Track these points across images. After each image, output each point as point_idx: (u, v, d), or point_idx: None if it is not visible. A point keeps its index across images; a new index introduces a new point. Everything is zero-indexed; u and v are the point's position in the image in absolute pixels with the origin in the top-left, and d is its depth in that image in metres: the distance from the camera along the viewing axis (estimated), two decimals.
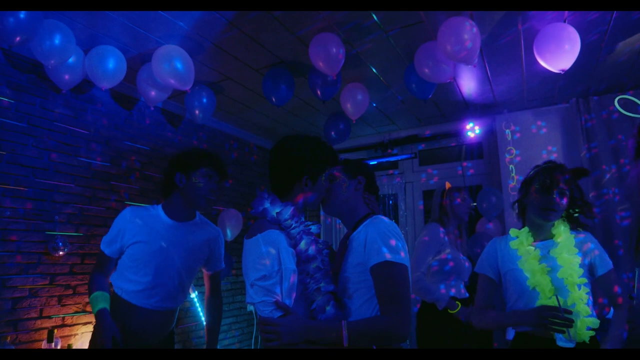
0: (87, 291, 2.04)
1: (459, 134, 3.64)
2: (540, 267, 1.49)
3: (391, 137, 3.96)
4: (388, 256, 1.20)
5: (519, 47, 2.44)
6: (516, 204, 1.68)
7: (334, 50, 2.18)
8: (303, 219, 1.35)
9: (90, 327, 2.48)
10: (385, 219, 1.31)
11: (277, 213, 1.28)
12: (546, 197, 1.50)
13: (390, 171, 4.11)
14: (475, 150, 3.76)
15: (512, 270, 1.56)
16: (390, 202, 4.13)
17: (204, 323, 3.16)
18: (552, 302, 1.42)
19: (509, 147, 3.36)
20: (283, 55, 2.50)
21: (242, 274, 1.32)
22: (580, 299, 1.45)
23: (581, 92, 3.09)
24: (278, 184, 1.37)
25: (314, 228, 1.36)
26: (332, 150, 1.41)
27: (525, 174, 1.66)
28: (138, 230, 1.76)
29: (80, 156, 2.55)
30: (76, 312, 2.42)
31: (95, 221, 2.57)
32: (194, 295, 3.04)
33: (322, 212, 4.18)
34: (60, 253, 2.33)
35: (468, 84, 2.96)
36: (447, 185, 2.61)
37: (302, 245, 1.27)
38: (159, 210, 1.85)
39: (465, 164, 3.74)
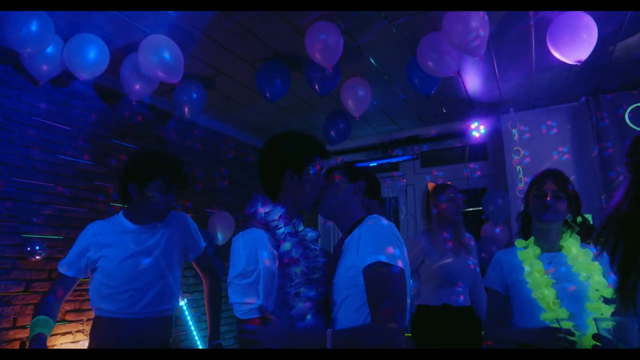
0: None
1: (462, 134, 3.50)
2: (545, 279, 1.45)
3: (392, 138, 3.81)
4: (382, 257, 1.09)
5: (530, 39, 2.30)
6: (520, 218, 1.65)
7: (332, 40, 2.04)
8: (297, 222, 1.30)
9: (71, 338, 2.31)
10: (383, 219, 1.21)
11: (265, 213, 1.24)
12: (542, 200, 1.50)
13: (392, 173, 3.95)
14: (480, 151, 3.61)
15: (518, 282, 1.52)
16: (391, 205, 3.97)
17: (194, 332, 2.98)
18: (557, 315, 1.39)
19: (515, 148, 3.21)
20: (279, 47, 2.35)
21: None
22: (597, 309, 1.39)
23: (591, 90, 2.95)
24: (265, 183, 1.32)
25: (311, 234, 1.31)
26: (316, 142, 1.34)
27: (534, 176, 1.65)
28: (103, 244, 1.65)
29: (61, 154, 2.39)
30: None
31: (77, 223, 2.39)
32: (182, 303, 2.86)
33: (320, 217, 4.01)
34: (37, 257, 2.16)
35: (473, 80, 2.82)
36: (430, 185, 2.37)
37: (286, 246, 1.20)
38: (120, 218, 1.71)
39: (471, 165, 3.59)
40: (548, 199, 1.48)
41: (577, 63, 2.04)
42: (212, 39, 2.25)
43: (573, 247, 1.50)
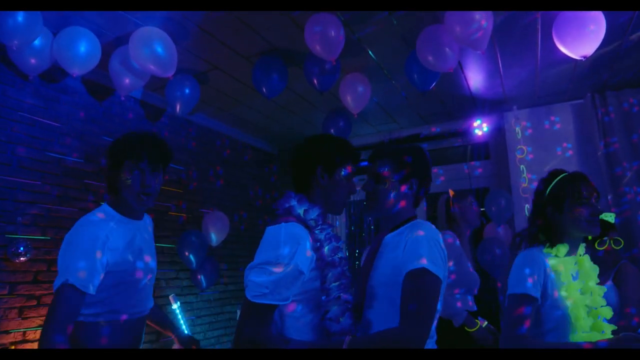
0: None
1: (464, 132, 3.42)
2: (582, 298, 1.33)
3: (392, 136, 3.73)
4: (426, 263, 1.08)
5: (536, 34, 2.22)
6: (535, 227, 1.44)
7: (333, 31, 1.96)
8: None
9: None
10: (433, 226, 1.22)
11: (304, 211, 1.21)
12: (590, 208, 1.37)
13: None
14: (482, 150, 3.54)
15: (554, 295, 1.32)
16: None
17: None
18: (588, 338, 1.28)
19: (519, 147, 3.14)
20: (276, 40, 2.27)
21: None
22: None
23: (597, 86, 2.88)
24: (296, 180, 1.33)
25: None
26: (351, 148, 1.33)
27: (538, 176, 1.53)
28: (117, 242, 1.39)
29: (49, 151, 2.30)
30: (40, 325, 2.14)
31: (65, 223, 2.30)
32: (175, 306, 2.77)
33: None
34: (22, 259, 2.07)
35: (476, 76, 2.74)
36: (451, 192, 2.45)
37: (327, 250, 1.19)
38: (107, 209, 1.47)
39: (472, 163, 3.51)
40: (597, 205, 1.38)
41: (583, 58, 1.96)
42: (207, 32, 2.17)
43: (585, 258, 1.43)
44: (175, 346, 1.71)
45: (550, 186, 1.44)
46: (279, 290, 1.07)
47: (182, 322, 2.85)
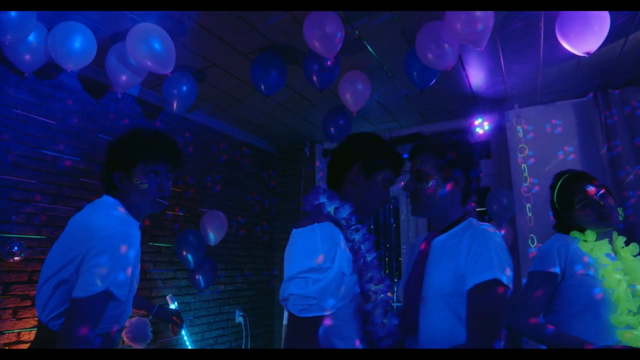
0: None
1: (466, 131, 3.38)
2: (621, 278, 1.28)
3: (392, 135, 3.69)
4: (497, 274, 1.00)
5: (538, 30, 2.19)
6: (557, 220, 1.49)
7: (332, 28, 1.92)
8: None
9: None
10: (490, 225, 1.14)
11: (335, 209, 1.11)
12: (597, 206, 1.36)
13: None
14: (483, 149, 3.50)
15: (585, 277, 1.32)
16: (391, 206, 3.85)
17: (185, 337, 2.86)
18: (629, 321, 1.22)
19: (520, 145, 3.11)
20: (275, 37, 2.24)
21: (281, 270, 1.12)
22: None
23: (600, 85, 2.85)
24: (330, 174, 1.24)
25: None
26: (397, 154, 1.24)
27: (539, 177, 1.53)
28: (137, 248, 1.29)
29: (44, 149, 2.26)
30: (35, 326, 2.11)
31: (61, 222, 2.27)
32: (173, 306, 2.74)
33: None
34: (16, 258, 2.03)
35: (478, 74, 2.70)
36: None
37: (363, 250, 1.11)
38: (122, 210, 1.33)
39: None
40: (606, 202, 1.36)
41: (586, 55, 1.93)
42: (205, 28, 2.14)
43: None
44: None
45: (556, 189, 1.46)
46: (326, 299, 0.97)
47: None
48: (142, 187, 1.31)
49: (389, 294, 1.12)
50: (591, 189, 1.38)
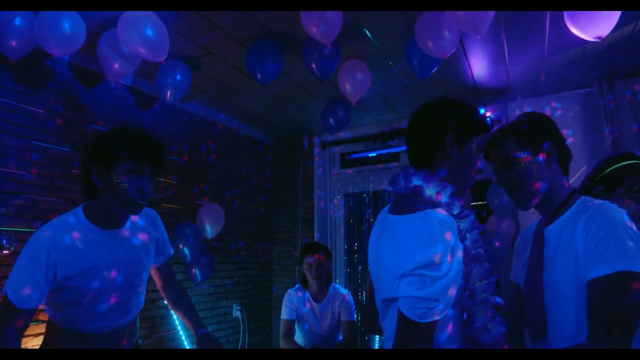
0: None
1: None
2: None
3: (392, 127, 3.62)
4: (628, 262, 0.87)
5: (544, 16, 2.11)
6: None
7: (330, 12, 1.85)
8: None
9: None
10: (607, 202, 0.98)
11: (437, 192, 0.94)
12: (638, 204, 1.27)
13: (392, 164, 3.77)
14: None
15: None
16: (392, 198, 3.79)
17: (181, 332, 2.81)
18: None
19: None
20: (273, 23, 2.16)
21: (370, 266, 1.03)
22: None
23: (606, 74, 2.78)
24: (416, 151, 1.05)
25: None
26: (482, 114, 1.08)
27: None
28: (71, 256, 1.27)
29: (34, 139, 2.19)
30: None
31: (52, 214, 2.20)
32: None
33: (314, 196, 3.80)
34: (5, 252, 1.97)
35: (481, 63, 2.63)
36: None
37: (470, 240, 0.95)
38: (80, 216, 1.34)
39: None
40: None
41: (598, 39, 1.86)
42: (199, 14, 2.06)
43: None
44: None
45: (610, 168, 1.36)
46: (446, 300, 0.84)
47: (175, 317, 2.77)
48: (121, 186, 1.28)
49: (496, 294, 0.99)
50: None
